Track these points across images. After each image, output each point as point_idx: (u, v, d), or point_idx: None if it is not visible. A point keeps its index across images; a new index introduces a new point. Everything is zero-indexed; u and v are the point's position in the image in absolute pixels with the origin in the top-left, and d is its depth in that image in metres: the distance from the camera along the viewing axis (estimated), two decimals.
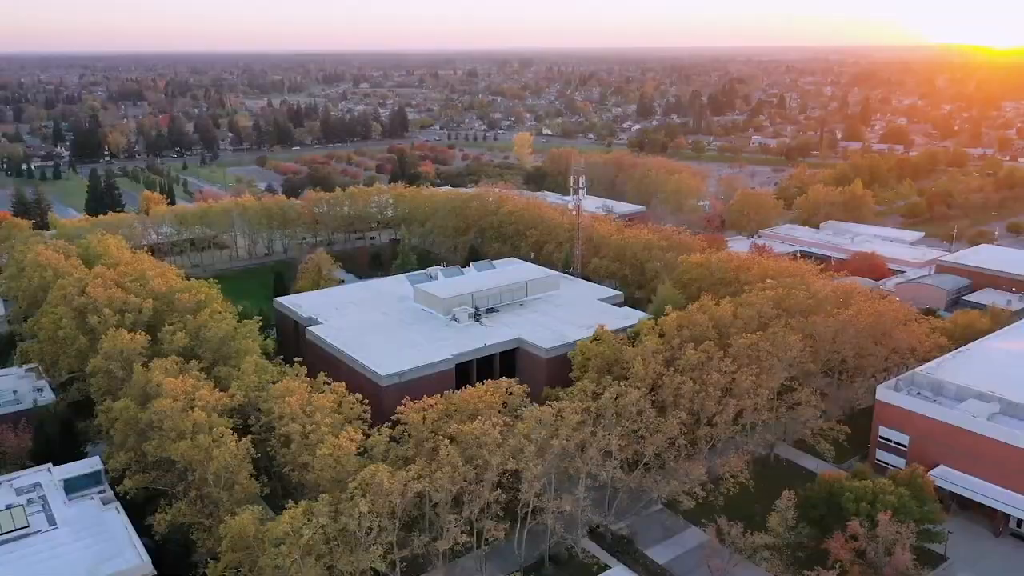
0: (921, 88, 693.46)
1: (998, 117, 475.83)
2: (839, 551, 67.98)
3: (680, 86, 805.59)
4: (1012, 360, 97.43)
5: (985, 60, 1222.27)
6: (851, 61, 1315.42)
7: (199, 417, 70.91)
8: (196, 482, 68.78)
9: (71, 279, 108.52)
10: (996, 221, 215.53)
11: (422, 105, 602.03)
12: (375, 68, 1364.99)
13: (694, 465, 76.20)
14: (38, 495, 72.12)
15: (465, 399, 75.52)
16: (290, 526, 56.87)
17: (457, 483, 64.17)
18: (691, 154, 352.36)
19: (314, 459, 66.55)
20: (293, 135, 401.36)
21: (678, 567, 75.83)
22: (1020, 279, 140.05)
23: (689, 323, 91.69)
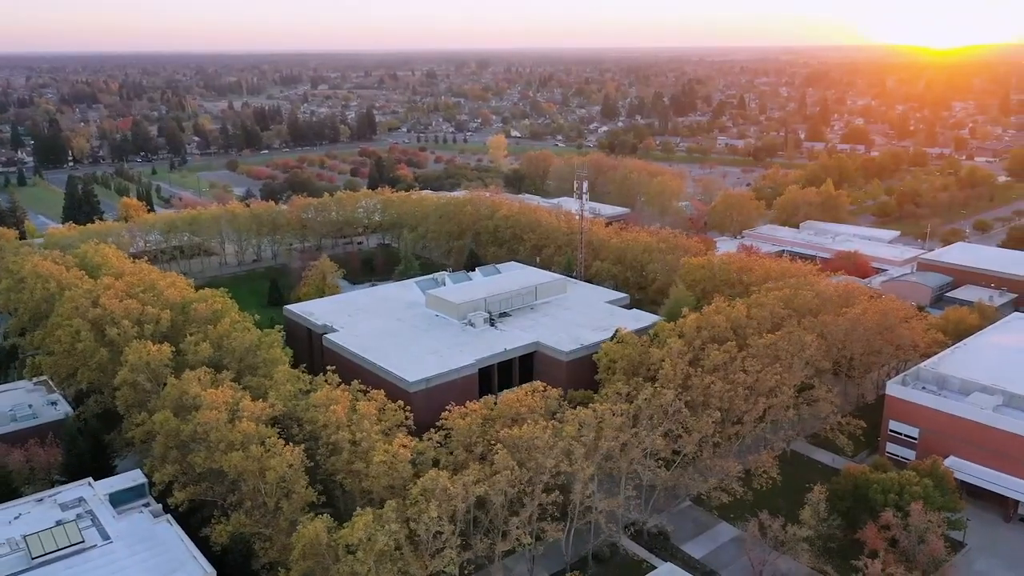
0: (873, 89, 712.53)
1: (950, 117, 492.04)
2: (874, 541, 71.37)
3: (640, 87, 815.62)
4: (1008, 354, 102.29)
5: (929, 60, 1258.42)
6: (801, 62, 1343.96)
7: (248, 428, 71.35)
8: (249, 492, 69.21)
9: (81, 291, 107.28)
10: (963, 219, 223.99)
11: (386, 107, 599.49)
12: (330, 69, 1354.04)
13: (729, 462, 78.99)
14: (84, 510, 71.80)
15: (506, 404, 77.21)
16: (364, 533, 57.95)
17: (515, 486, 65.87)
18: (661, 155, 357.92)
19: (369, 467, 67.61)
20: (261, 138, 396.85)
21: (714, 561, 78.60)
22: (999, 276, 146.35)
23: (707, 324, 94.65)
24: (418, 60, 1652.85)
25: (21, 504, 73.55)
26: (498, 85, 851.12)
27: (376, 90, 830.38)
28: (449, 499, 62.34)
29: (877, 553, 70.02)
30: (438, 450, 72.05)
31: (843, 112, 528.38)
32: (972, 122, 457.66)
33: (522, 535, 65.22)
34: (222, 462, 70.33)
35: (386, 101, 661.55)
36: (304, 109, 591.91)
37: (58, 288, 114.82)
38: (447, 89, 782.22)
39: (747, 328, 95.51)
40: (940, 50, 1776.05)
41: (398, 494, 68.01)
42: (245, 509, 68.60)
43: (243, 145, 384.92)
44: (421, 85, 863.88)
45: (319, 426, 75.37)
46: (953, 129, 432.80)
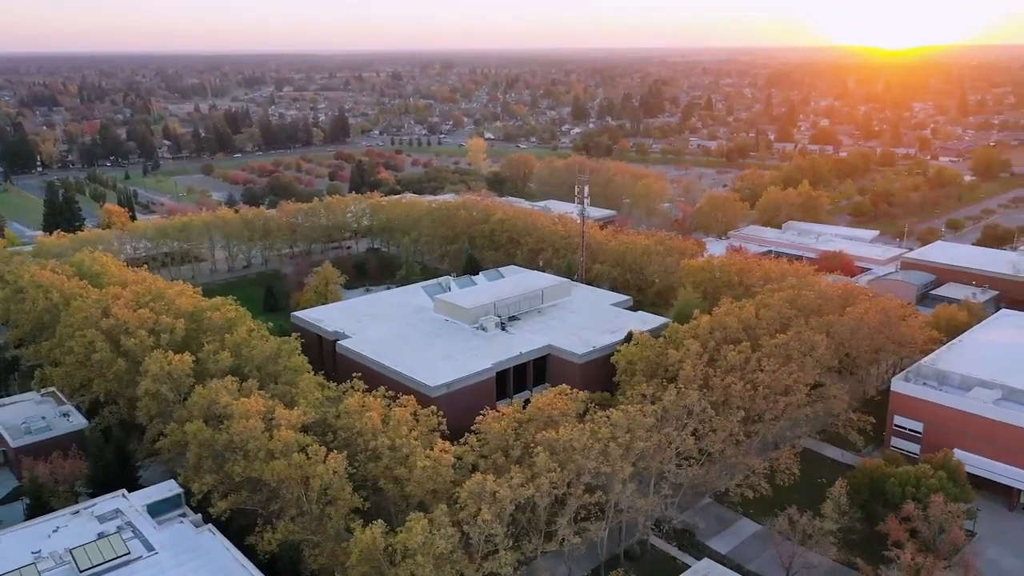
0: (835, 90, 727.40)
1: (911, 118, 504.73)
2: (896, 532, 74.36)
3: (606, 88, 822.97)
4: (1003, 349, 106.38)
5: (883, 61, 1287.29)
6: (761, 63, 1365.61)
7: (288, 436, 71.95)
8: (292, 500, 69.84)
9: (90, 300, 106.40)
10: (934, 218, 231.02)
11: (355, 109, 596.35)
12: (293, 70, 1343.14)
13: (755, 460, 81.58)
14: (124, 521, 71.82)
15: (538, 407, 78.79)
16: (423, 537, 59.16)
17: (559, 488, 67.55)
18: (636, 156, 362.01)
19: (413, 472, 68.78)
20: (233, 142, 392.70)
21: (739, 556, 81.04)
22: (980, 273, 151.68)
23: (719, 325, 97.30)
24: (381, 61, 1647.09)
25: (57, 517, 73.32)
26: (465, 87, 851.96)
27: (343, 92, 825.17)
28: (497, 502, 63.80)
29: (901, 544, 72.98)
30: (473, 454, 73.39)
31: (808, 113, 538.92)
32: (933, 123, 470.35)
33: (569, 535, 66.91)
34: (263, 471, 70.95)
35: (355, 103, 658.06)
36: (272, 111, 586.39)
37: (62, 298, 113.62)
38: (415, 91, 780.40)
39: (757, 329, 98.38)
40: (893, 51, 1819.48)
41: (440, 498, 69.38)
42: (290, 516, 69.22)
43: (215, 149, 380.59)
44: (388, 87, 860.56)
45: (354, 433, 76.30)
46: (915, 130, 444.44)
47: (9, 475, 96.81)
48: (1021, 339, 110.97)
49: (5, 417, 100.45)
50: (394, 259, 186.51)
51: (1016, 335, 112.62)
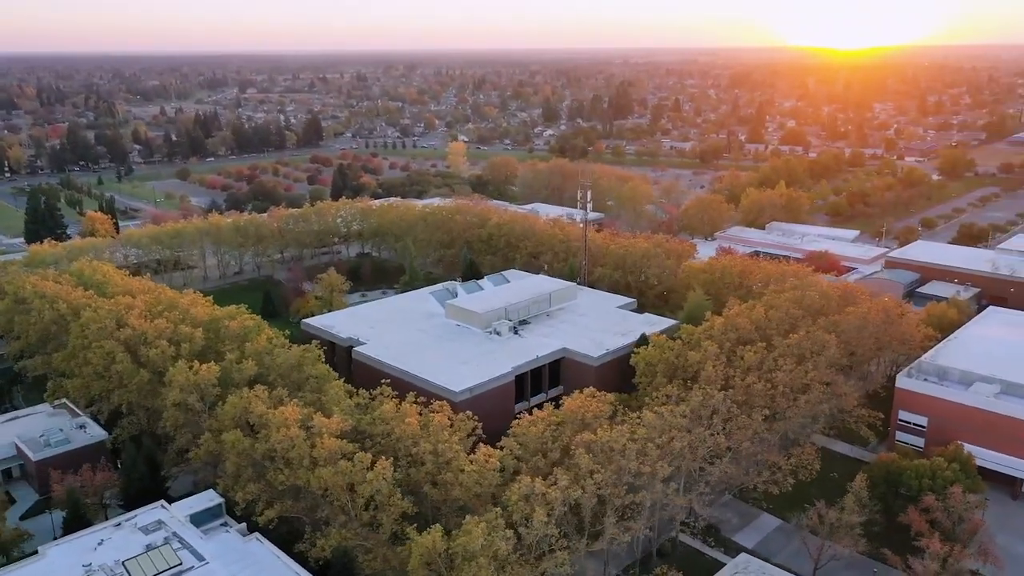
0: (797, 91, 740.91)
1: (873, 118, 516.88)
2: (917, 523, 77.71)
3: (573, 89, 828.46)
4: (996, 345, 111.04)
5: (839, 62, 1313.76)
6: (722, 63, 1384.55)
7: (332, 444, 72.92)
8: (340, 507, 70.82)
9: (103, 311, 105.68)
10: (908, 217, 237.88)
11: (324, 111, 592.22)
12: (254, 71, 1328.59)
13: (777, 456, 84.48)
14: (169, 532, 72.14)
15: (571, 410, 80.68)
16: (484, 539, 60.70)
17: (604, 488, 69.57)
18: (611, 158, 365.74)
19: (459, 476, 70.27)
20: (205, 146, 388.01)
21: (764, 550, 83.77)
22: (962, 271, 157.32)
23: (733, 327, 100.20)
24: (343, 62, 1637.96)
25: (100, 530, 73.43)
26: (432, 88, 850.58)
27: (309, 94, 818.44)
28: (547, 503, 65.60)
29: (923, 534, 76.34)
30: (511, 457, 74.94)
31: (774, 114, 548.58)
32: (896, 123, 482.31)
33: (617, 533, 68.98)
34: (308, 479, 71.90)
35: (322, 105, 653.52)
36: (239, 114, 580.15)
37: (69, 309, 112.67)
38: (382, 92, 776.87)
39: (767, 329, 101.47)
40: (846, 51, 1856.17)
41: (484, 501, 71.00)
42: (340, 523, 70.20)
43: (188, 153, 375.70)
44: (354, 88, 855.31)
45: (393, 439, 77.46)
46: (879, 130, 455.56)
47: (28, 488, 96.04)
48: (1012, 335, 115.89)
49: (21, 430, 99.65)
50: (387, 264, 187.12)
51: (1007, 331, 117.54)
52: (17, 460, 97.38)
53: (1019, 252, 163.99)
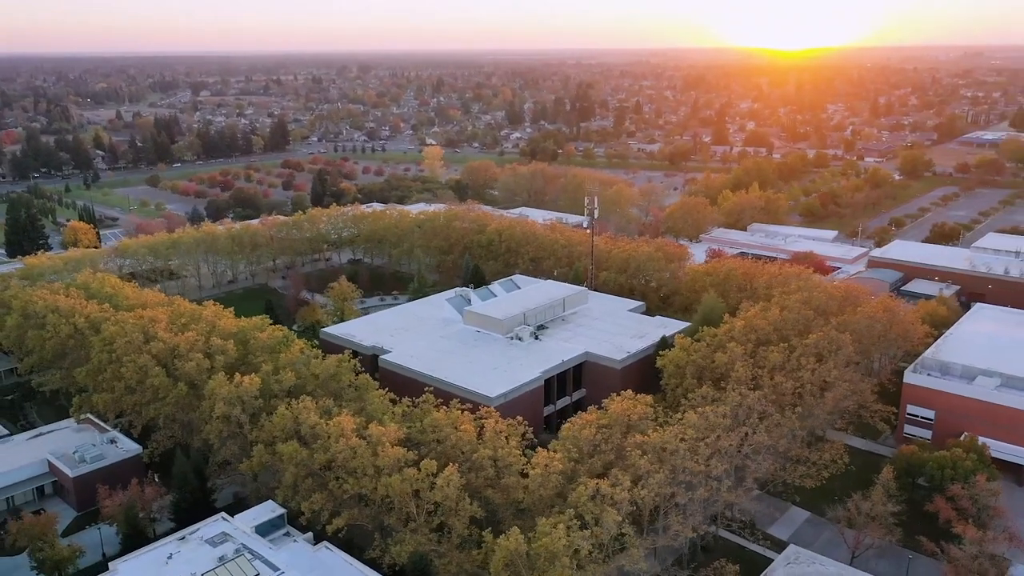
0: (751, 92, 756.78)
1: (828, 120, 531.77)
2: (945, 511, 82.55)
3: (531, 91, 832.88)
4: (990, 340, 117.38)
5: (789, 63, 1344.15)
6: (672, 64, 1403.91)
7: (396, 453, 74.77)
8: (411, 513, 72.65)
9: (129, 325, 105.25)
10: (876, 216, 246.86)
11: (286, 115, 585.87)
12: (203, 73, 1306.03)
13: (806, 451, 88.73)
14: (238, 544, 72.94)
15: (617, 412, 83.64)
16: (566, 540, 63.27)
17: (665, 487, 72.72)
18: (582, 161, 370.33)
19: (524, 480, 72.73)
20: (171, 151, 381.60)
21: (799, 541, 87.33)
22: (943, 270, 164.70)
23: (751, 328, 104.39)
24: (294, 64, 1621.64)
25: (166, 544, 73.88)
26: (390, 91, 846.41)
27: (265, 96, 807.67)
28: (615, 503, 68.48)
29: (951, 521, 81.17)
30: (565, 459, 77.56)
31: (733, 116, 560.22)
32: (851, 124, 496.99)
33: (683, 530, 72.18)
34: (375, 487, 73.62)
35: (282, 108, 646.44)
36: (197, 118, 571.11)
37: (87, 323, 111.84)
38: (341, 95, 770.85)
39: (784, 330, 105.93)
40: (789, 52, 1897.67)
41: (546, 503, 73.61)
42: (410, 529, 72.04)
43: (154, 159, 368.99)
44: (312, 91, 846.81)
45: (447, 446, 79.52)
46: (835, 131, 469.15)
47: (62, 505, 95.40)
48: (1003, 330, 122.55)
49: (50, 447, 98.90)
50: (382, 270, 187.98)
51: (997, 327, 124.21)
52: (49, 477, 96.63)
53: (994, 250, 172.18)
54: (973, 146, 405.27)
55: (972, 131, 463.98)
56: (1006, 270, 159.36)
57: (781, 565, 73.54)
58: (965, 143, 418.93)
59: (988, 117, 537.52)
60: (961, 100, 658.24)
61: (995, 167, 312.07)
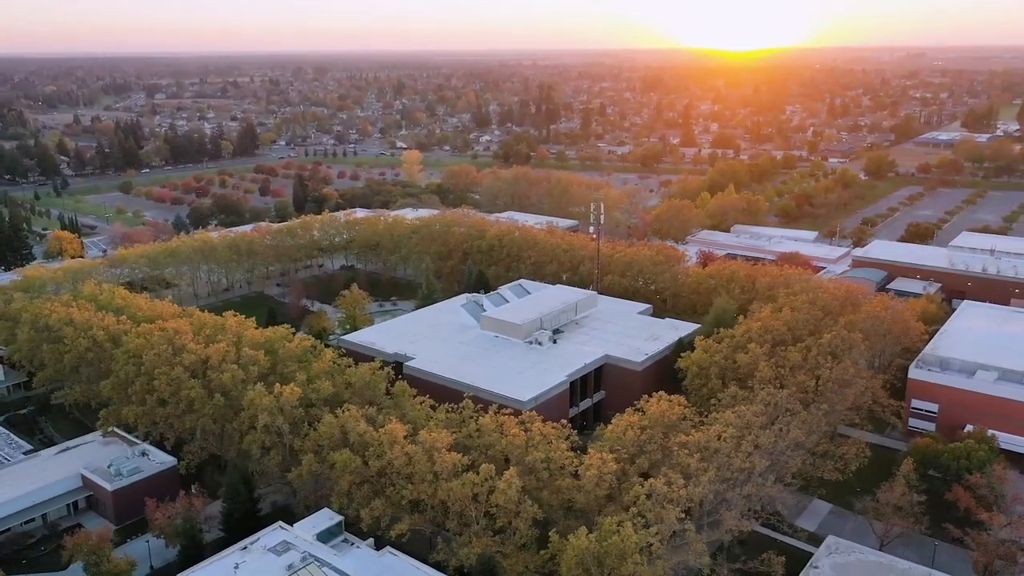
0: (710, 94, 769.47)
1: (788, 121, 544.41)
2: (965, 499, 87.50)
3: (492, 93, 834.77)
4: (983, 336, 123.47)
5: (740, 64, 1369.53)
6: (628, 65, 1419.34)
7: (454, 458, 76.96)
8: (472, 517, 74.83)
9: (155, 338, 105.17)
10: (848, 216, 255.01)
11: (248, 118, 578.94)
12: (154, 75, 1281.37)
13: (830, 446, 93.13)
14: (301, 552, 74.24)
15: (655, 414, 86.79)
16: (637, 537, 66.14)
17: (715, 484, 76.11)
18: (555, 164, 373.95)
19: (583, 481, 75.46)
20: (139, 157, 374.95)
21: (824, 532, 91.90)
22: (924, 268, 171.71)
23: (767, 328, 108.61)
24: (245, 65, 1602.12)
25: (229, 555, 74.83)
26: (351, 93, 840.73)
27: (224, 99, 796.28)
28: (671, 501, 71.58)
29: (971, 509, 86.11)
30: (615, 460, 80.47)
31: (696, 118, 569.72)
32: (811, 125, 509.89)
33: (736, 525, 75.58)
34: (436, 492, 75.70)
35: (244, 112, 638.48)
36: (159, 122, 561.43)
37: (107, 337, 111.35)
38: (303, 98, 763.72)
39: (796, 330, 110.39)
40: (738, 53, 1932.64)
41: (599, 503, 76.47)
42: (473, 531, 74.21)
43: (122, 165, 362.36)
44: (271, 93, 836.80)
45: (497, 450, 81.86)
46: (796, 132, 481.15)
47: (96, 518, 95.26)
48: (993, 326, 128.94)
49: (82, 461, 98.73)
50: (378, 277, 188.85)
51: (986, 323, 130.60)
52: (83, 491, 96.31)
53: (970, 249, 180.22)
54: (929, 146, 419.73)
55: (927, 132, 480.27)
56: (984, 268, 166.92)
57: (824, 555, 77.37)
58: (921, 143, 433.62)
59: (940, 118, 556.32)
60: (911, 101, 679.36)
61: (954, 167, 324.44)
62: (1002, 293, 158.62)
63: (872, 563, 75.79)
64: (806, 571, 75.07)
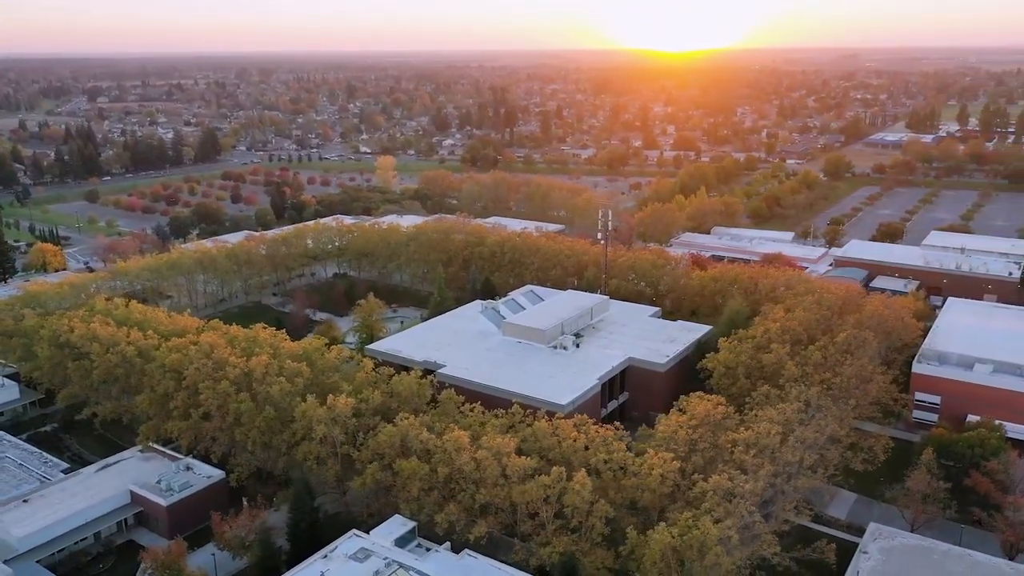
0: (661, 95, 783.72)
1: (740, 122, 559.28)
2: (984, 485, 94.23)
3: (446, 96, 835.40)
4: (974, 331, 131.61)
5: (683, 65, 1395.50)
6: (573, 67, 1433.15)
7: (524, 463, 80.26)
8: (542, 517, 78.23)
9: (192, 352, 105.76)
10: (814, 217, 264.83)
11: (202, 122, 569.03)
12: (90, 77, 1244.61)
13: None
14: (384, 558, 76.57)
15: (699, 414, 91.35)
16: (718, 531, 70.42)
17: (772, 479, 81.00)
18: (523, 167, 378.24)
19: (648, 480, 79.52)
20: (99, 164, 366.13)
21: (855, 519, 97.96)
22: (902, 267, 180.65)
23: (784, 329, 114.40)
24: (184, 66, 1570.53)
25: (313, 563, 76.71)
26: (302, 96, 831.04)
27: (170, 103, 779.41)
28: (741, 496, 76.19)
29: (989, 494, 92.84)
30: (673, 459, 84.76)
31: (652, 120, 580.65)
32: (764, 127, 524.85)
33: (791, 516, 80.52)
34: (507, 495, 78.90)
35: (196, 116, 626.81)
36: (109, 127, 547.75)
37: (136, 353, 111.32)
38: (254, 101, 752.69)
39: (811, 329, 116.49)
40: (676, 54, 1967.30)
41: (662, 501, 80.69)
42: (550, 531, 77.60)
43: (82, 172, 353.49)
44: (221, 96, 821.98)
45: (556, 453, 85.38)
46: (750, 134, 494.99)
47: (147, 533, 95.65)
48: (979, 321, 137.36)
49: (128, 478, 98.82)
50: (377, 285, 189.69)
51: (974, 319, 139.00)
52: (132, 508, 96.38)
53: (942, 247, 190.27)
54: (879, 147, 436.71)
55: (874, 133, 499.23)
56: (958, 265, 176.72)
57: (870, 540, 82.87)
58: (871, 144, 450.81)
59: (883, 119, 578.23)
60: (854, 102, 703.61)
61: (908, 167, 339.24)
62: (976, 289, 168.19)
63: (915, 546, 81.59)
64: (856, 556, 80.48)
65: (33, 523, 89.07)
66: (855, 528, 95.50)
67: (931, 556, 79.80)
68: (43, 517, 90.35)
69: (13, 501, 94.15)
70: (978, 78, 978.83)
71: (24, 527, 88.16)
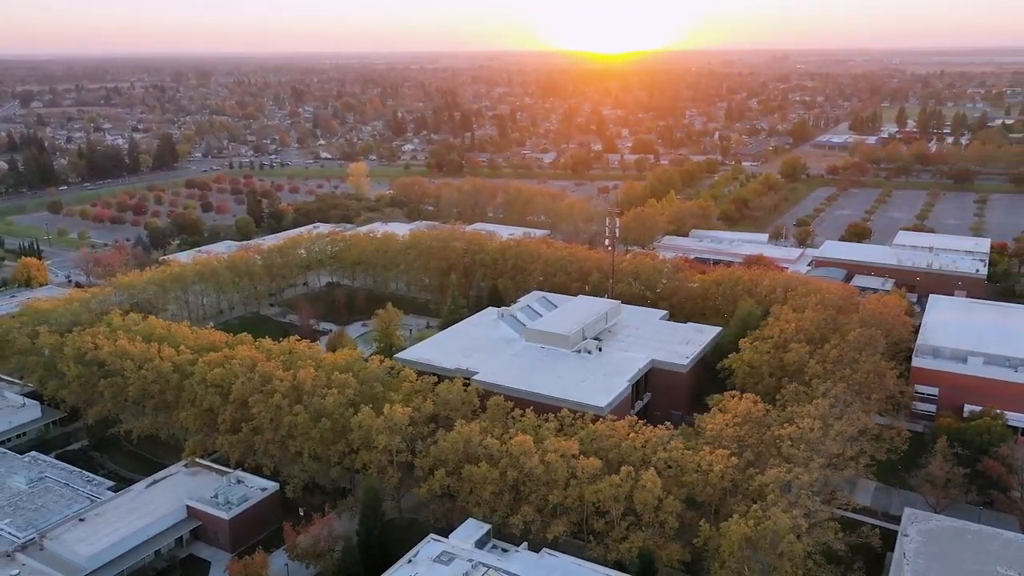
0: (608, 98, 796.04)
1: (690, 125, 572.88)
2: (995, 468, 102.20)
3: (395, 99, 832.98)
4: (962, 326, 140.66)
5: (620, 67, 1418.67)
6: (514, 69, 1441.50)
7: (593, 464, 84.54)
8: (617, 516, 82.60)
9: (237, 366, 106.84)
10: (779, 217, 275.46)
11: (152, 128, 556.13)
12: (14, 80, 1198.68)
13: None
14: (468, 559, 79.75)
15: (739, 412, 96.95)
16: (791, 520, 75.74)
17: (823, 471, 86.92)
18: (489, 172, 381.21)
19: (710, 476, 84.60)
20: (56, 173, 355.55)
21: (878, 506, 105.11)
22: (878, 266, 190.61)
23: (798, 329, 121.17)
24: (116, 69, 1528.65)
25: (399, 568, 79.40)
26: (247, 100, 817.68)
27: (111, 107, 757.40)
28: (797, 488, 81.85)
29: (1001, 477, 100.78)
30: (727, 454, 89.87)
31: (605, 123, 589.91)
32: (716, 129, 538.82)
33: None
34: (580, 495, 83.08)
35: (140, 121, 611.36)
36: (52, 134, 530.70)
37: (173, 369, 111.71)
38: (200, 106, 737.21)
39: (822, 329, 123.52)
40: (610, 55, 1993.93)
41: (721, 495, 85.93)
42: (625, 527, 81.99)
43: (38, 182, 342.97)
44: (162, 100, 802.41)
45: (616, 453, 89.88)
46: (702, 136, 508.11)
47: (206, 548, 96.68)
48: (963, 317, 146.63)
49: (182, 494, 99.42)
50: (373, 293, 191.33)
51: (959, 315, 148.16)
52: (189, 523, 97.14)
53: (912, 247, 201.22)
54: (826, 149, 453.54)
55: (819, 135, 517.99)
56: (929, 264, 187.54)
57: (908, 524, 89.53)
58: (818, 146, 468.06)
59: (826, 121, 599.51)
60: (794, 104, 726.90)
61: (860, 168, 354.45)
62: (947, 286, 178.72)
63: (949, 527, 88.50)
64: (899, 539, 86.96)
65: (97, 541, 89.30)
66: (881, 514, 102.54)
67: (965, 536, 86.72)
68: (105, 535, 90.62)
69: (69, 520, 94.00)
70: (905, 80, 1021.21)
71: (90, 546, 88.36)
